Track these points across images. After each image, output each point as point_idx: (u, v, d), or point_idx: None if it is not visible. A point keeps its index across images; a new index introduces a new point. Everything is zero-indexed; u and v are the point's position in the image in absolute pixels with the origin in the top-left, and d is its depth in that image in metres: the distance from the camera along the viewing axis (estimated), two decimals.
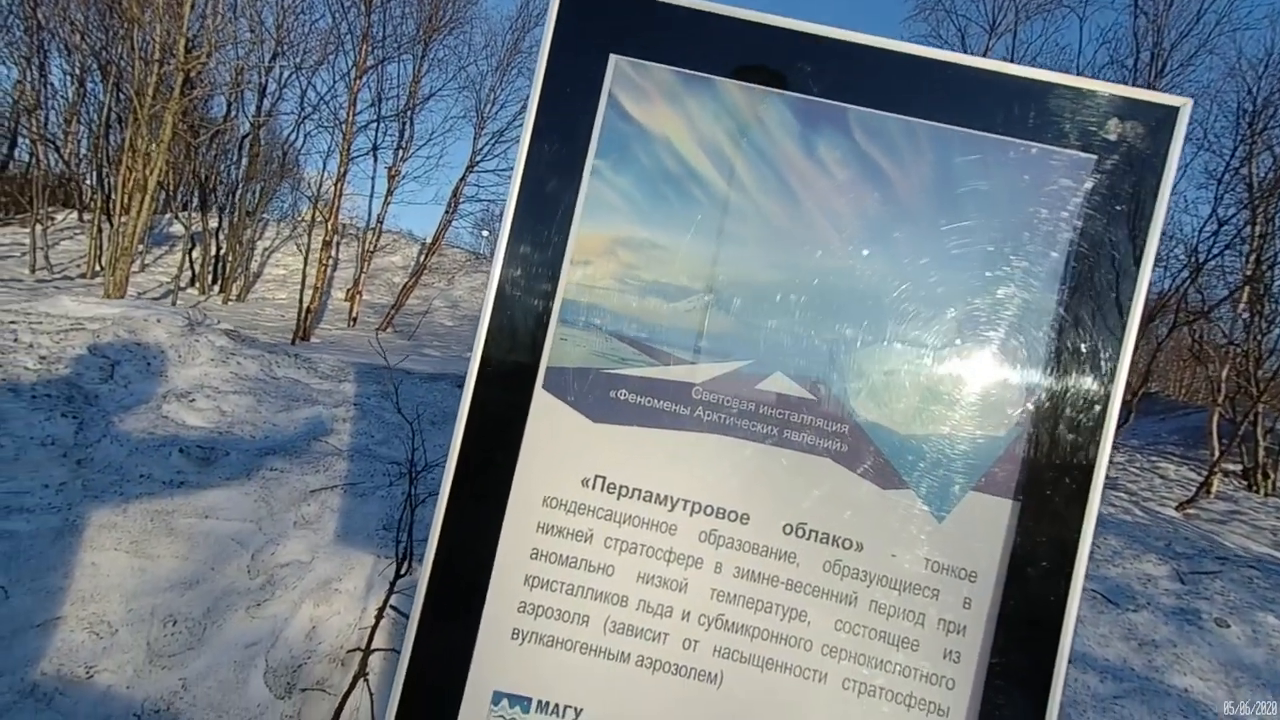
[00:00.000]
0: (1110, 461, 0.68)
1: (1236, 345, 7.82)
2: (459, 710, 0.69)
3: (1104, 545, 2.47)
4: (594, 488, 0.70)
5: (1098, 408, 0.68)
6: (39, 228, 7.92)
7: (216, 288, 9.42)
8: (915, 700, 0.67)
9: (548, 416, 0.70)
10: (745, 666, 0.68)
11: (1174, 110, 0.69)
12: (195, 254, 9.17)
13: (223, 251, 9.55)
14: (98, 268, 7.59)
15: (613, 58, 0.71)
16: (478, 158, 10.33)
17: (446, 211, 10.47)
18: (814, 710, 0.68)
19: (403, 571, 1.82)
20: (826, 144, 0.71)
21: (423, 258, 10.65)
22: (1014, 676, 0.66)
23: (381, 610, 1.84)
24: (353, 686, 1.70)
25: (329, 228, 8.26)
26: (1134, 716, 1.62)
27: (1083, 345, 0.69)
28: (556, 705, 0.69)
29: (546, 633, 0.69)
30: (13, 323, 2.87)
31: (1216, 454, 6.71)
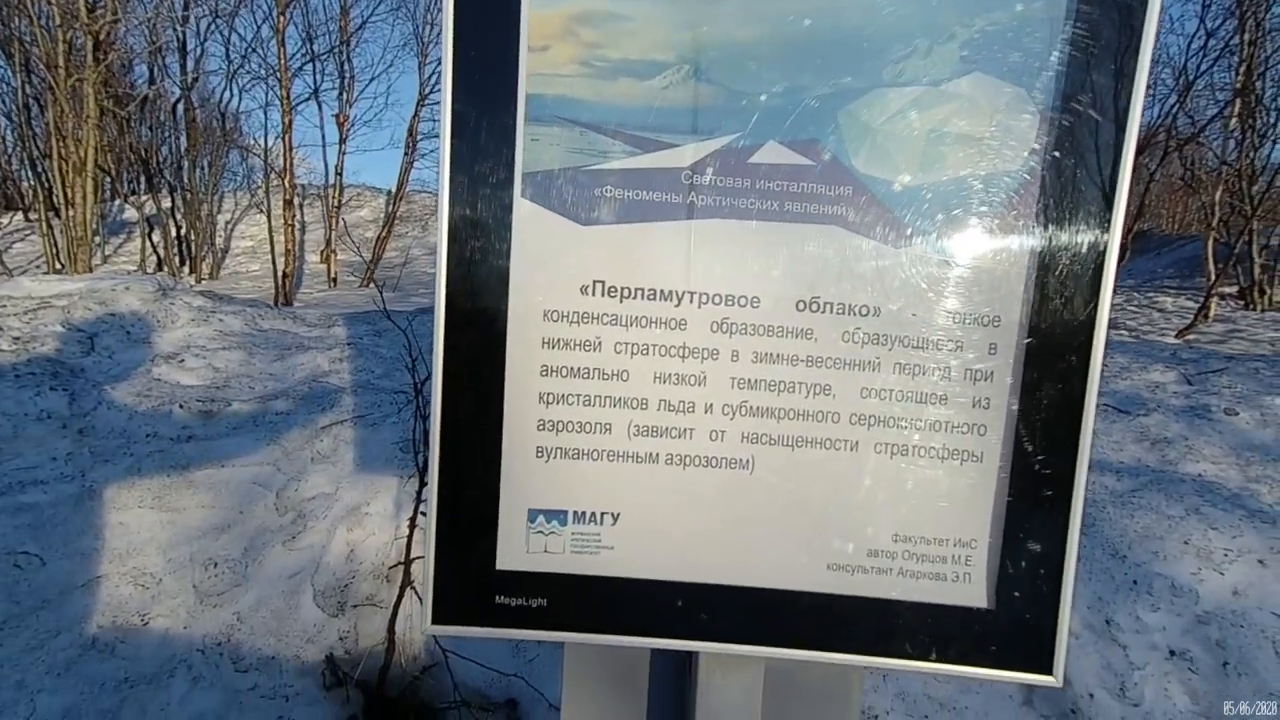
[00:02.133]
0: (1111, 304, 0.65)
1: (1229, 165, 7.69)
2: (497, 536, 0.69)
3: (1112, 363, 2.51)
4: (594, 294, 0.66)
5: (1113, 131, 0.64)
6: None
7: (186, 269, 9.16)
8: (950, 451, 0.66)
9: (534, 227, 0.66)
10: (775, 448, 0.67)
11: None
12: (156, 238, 8.84)
13: (184, 231, 9.22)
14: (58, 265, 7.35)
15: None
16: (427, 89, 9.76)
17: (406, 154, 10.02)
18: (850, 479, 0.67)
19: (426, 481, 1.85)
20: None
21: (391, 207, 10.29)
22: (1042, 413, 0.65)
23: (413, 520, 1.87)
24: (401, 595, 1.76)
25: (286, 184, 7.92)
26: (1152, 504, 1.68)
27: (1089, 88, 0.64)
28: (593, 514, 0.69)
29: (571, 446, 0.68)
30: None
31: (1213, 278, 6.76)
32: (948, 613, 0.67)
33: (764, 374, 0.67)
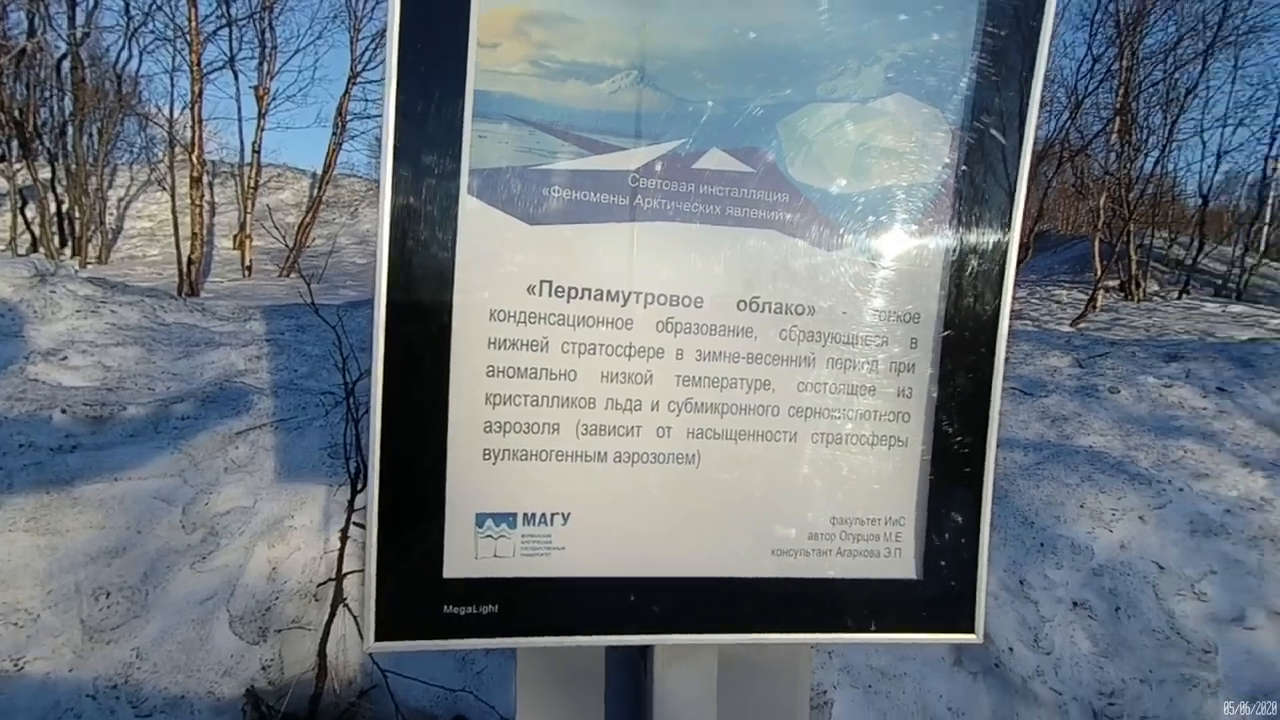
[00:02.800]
0: (1014, 298, 0.73)
1: (1111, 174, 8.59)
2: (444, 542, 0.69)
3: (1017, 351, 2.76)
4: (541, 294, 0.68)
5: (1014, 145, 0.72)
6: None
7: (68, 251, 8.27)
8: (878, 438, 0.73)
9: (480, 225, 0.66)
10: (719, 442, 0.71)
11: None
12: (30, 213, 7.92)
13: (65, 207, 8.31)
14: None
15: None
16: (359, 66, 9.26)
17: (334, 134, 9.47)
18: (790, 468, 0.72)
19: (359, 488, 1.78)
20: None
21: (317, 190, 9.69)
22: (957, 397, 0.73)
23: (345, 532, 1.81)
24: (333, 615, 1.69)
25: (194, 159, 7.30)
26: (1053, 474, 1.87)
27: (994, 108, 0.71)
28: (543, 515, 0.71)
29: (519, 447, 0.69)
30: None
31: (1099, 273, 7.52)
32: (882, 586, 0.74)
33: (708, 371, 0.70)
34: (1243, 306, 7.99)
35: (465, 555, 0.70)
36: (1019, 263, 0.74)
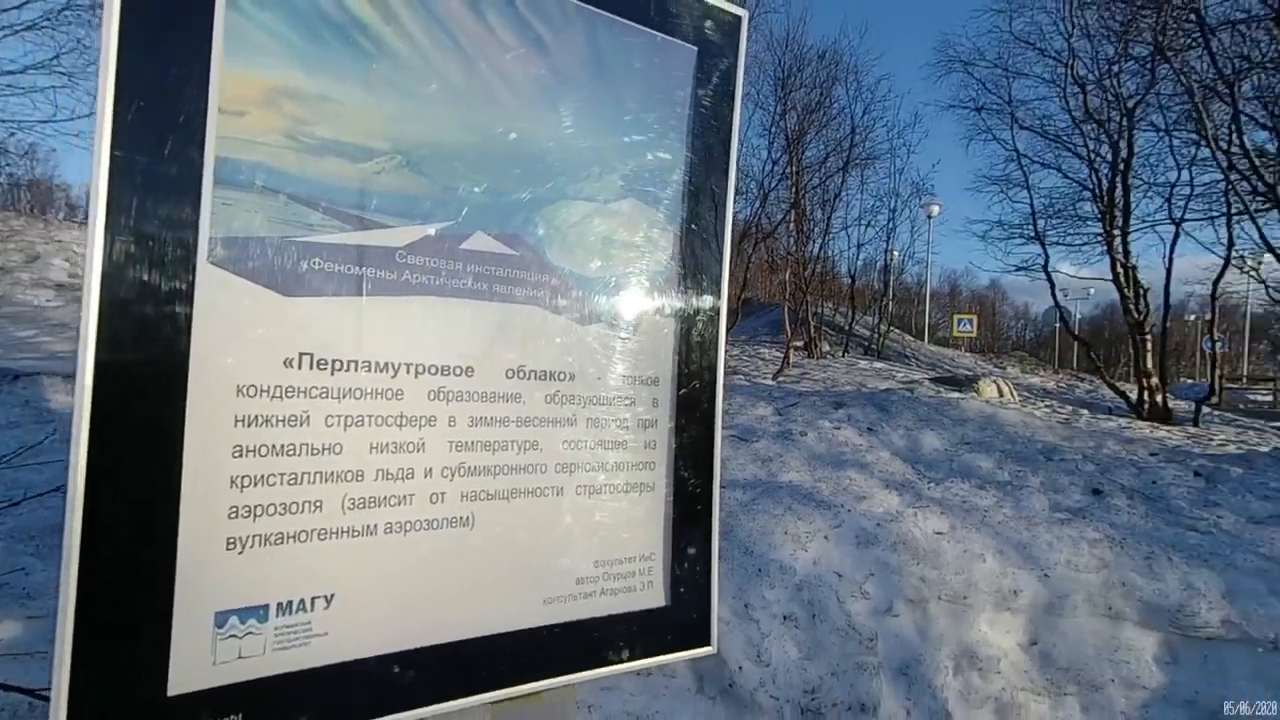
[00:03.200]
0: (728, 357, 0.95)
1: (791, 255, 10.90)
2: (169, 653, 0.61)
3: (733, 401, 3.29)
4: (301, 367, 0.66)
5: (718, 235, 0.93)
6: None
7: None
8: (631, 486, 0.85)
9: (224, 297, 0.63)
10: (492, 502, 0.76)
11: (739, 17, 0.95)
12: None
13: None
14: None
15: None
16: None
17: None
18: (558, 520, 0.80)
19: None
20: (493, 10, 0.77)
21: None
22: (690, 446, 0.89)
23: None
24: None
25: None
26: (764, 507, 2.25)
27: (701, 209, 0.93)
28: (302, 601, 0.67)
29: (272, 531, 0.65)
30: None
31: (789, 336, 9.31)
32: (638, 617, 0.85)
33: (480, 435, 0.76)
34: (881, 363, 10.64)
35: (200, 663, 0.62)
36: (729, 327, 0.95)
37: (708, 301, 0.92)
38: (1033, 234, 9.55)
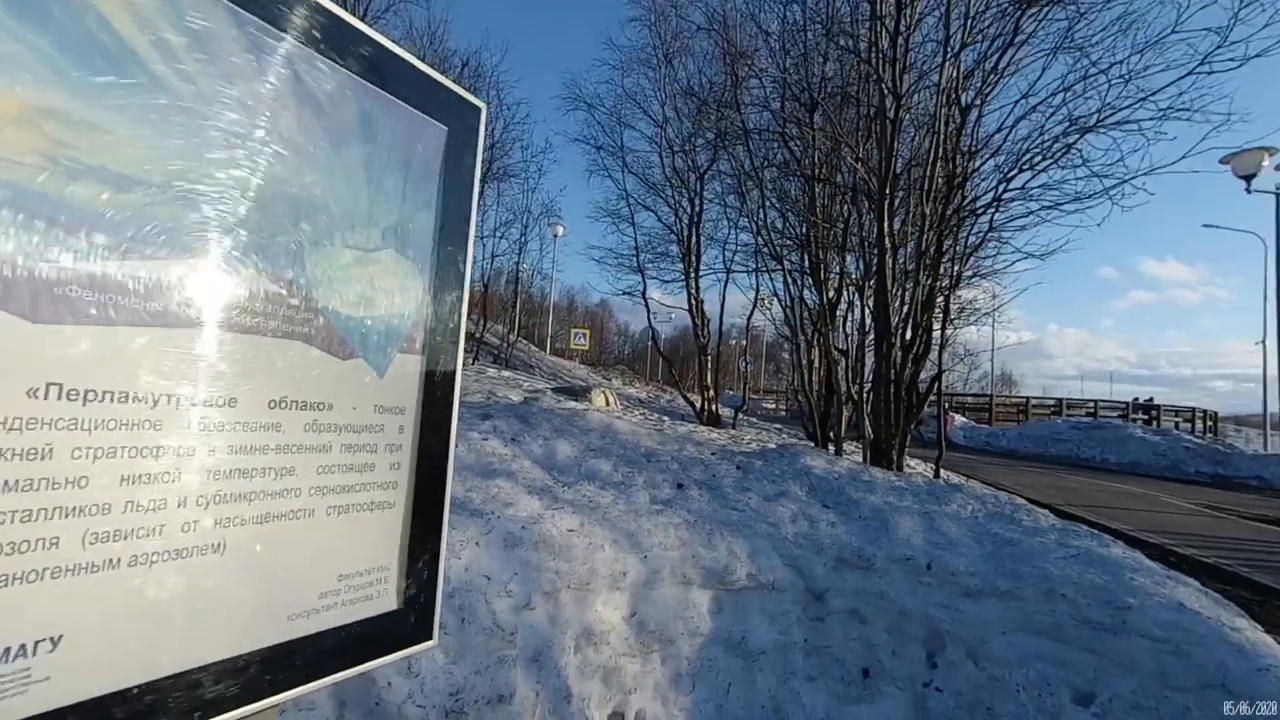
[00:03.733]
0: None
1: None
2: None
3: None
4: (48, 397, 0.64)
5: (457, 292, 1.14)
6: None
7: None
8: (375, 504, 0.98)
9: None
10: (246, 527, 0.82)
11: (479, 107, 1.18)
12: None
13: None
14: None
15: None
16: None
17: None
18: (308, 539, 0.89)
19: None
20: (271, 64, 0.84)
21: None
22: (427, 467, 1.07)
23: None
24: None
25: None
26: (461, 523, 2.39)
27: (444, 263, 1.12)
28: (21, 647, 0.64)
29: None
30: None
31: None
32: (375, 621, 0.98)
33: (239, 463, 0.81)
34: (509, 372, 11.47)
35: None
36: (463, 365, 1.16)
37: (449, 341, 1.11)
38: (636, 265, 11.72)
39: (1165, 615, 2.75)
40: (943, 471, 6.13)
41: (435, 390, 1.08)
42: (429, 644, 1.07)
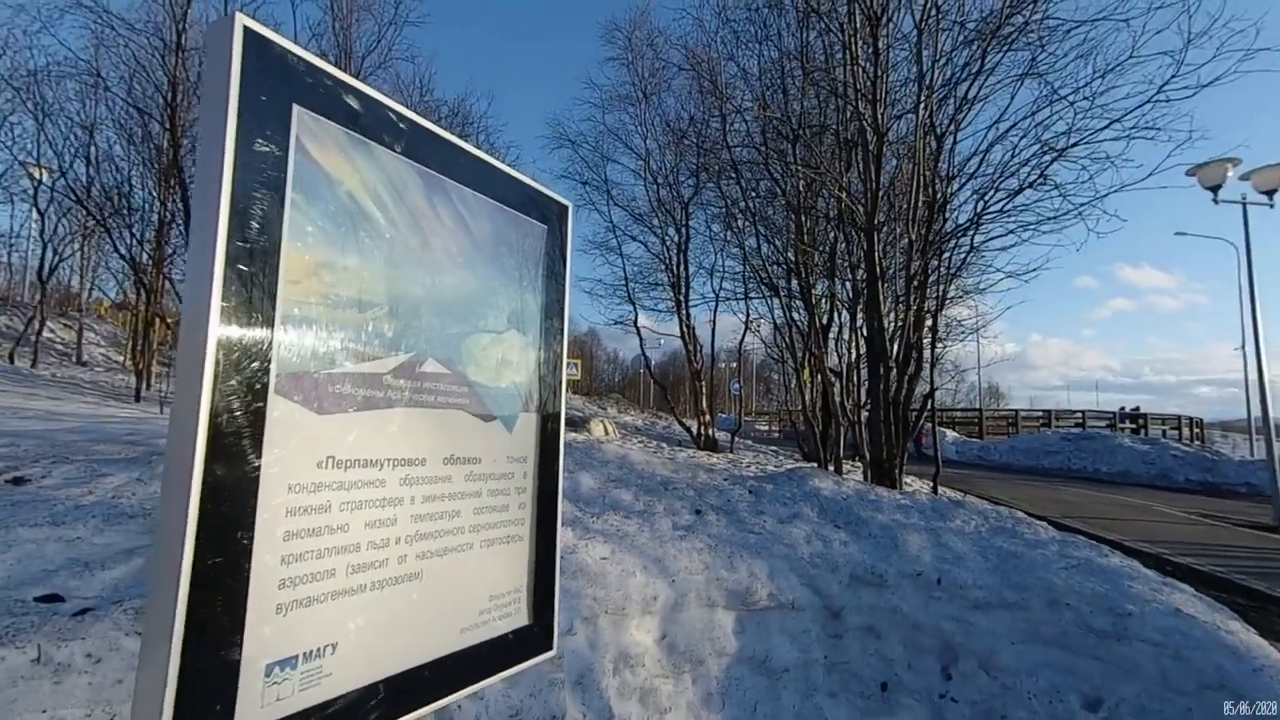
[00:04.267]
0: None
1: None
2: (235, 701, 0.80)
3: None
4: (326, 467, 0.92)
5: (559, 359, 1.42)
6: None
7: None
8: (511, 537, 1.25)
9: (283, 416, 0.86)
10: (433, 559, 1.09)
11: (566, 205, 1.48)
12: None
13: None
14: None
15: (296, 108, 0.89)
16: None
17: None
18: (469, 567, 1.16)
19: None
20: (439, 200, 1.13)
21: None
22: (544, 505, 1.34)
23: None
24: None
25: None
26: None
27: (550, 336, 1.40)
28: (317, 649, 0.90)
29: (304, 596, 0.88)
30: None
31: None
32: (515, 633, 1.24)
33: (429, 509, 1.08)
34: None
35: (253, 708, 0.82)
36: None
37: (553, 397, 1.39)
38: (627, 295, 12.07)
39: (1164, 621, 2.97)
40: (940, 488, 6.44)
41: (547, 440, 1.36)
42: (551, 653, 1.33)
